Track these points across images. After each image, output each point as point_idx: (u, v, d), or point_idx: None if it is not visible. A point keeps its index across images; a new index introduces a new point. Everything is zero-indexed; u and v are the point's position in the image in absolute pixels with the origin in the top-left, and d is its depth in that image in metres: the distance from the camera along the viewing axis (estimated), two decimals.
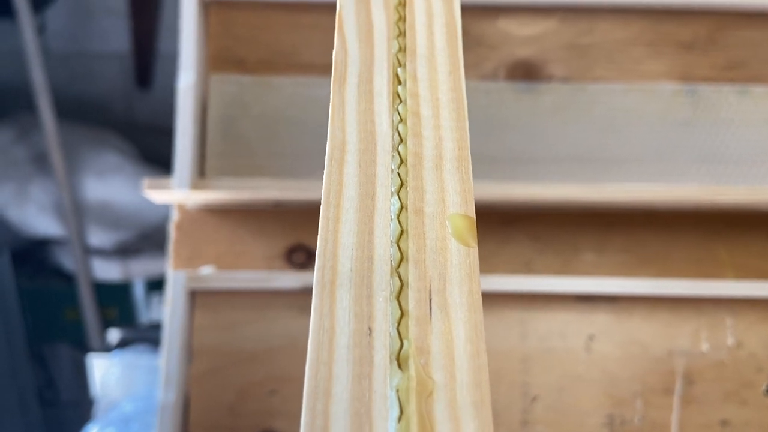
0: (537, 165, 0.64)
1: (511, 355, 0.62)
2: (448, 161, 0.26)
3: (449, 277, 0.23)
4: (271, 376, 0.62)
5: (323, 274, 0.23)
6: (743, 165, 0.64)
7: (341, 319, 0.22)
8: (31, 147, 1.42)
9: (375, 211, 0.24)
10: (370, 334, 0.22)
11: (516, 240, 0.65)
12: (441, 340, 0.22)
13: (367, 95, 0.28)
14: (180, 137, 0.60)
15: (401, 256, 0.23)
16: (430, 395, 0.20)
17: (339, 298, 0.22)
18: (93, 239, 1.39)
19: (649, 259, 0.64)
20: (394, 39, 0.30)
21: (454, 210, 0.25)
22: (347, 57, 0.29)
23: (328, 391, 0.20)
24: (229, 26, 0.66)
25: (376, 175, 0.25)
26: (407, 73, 0.28)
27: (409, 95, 0.28)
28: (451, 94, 0.28)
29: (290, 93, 0.65)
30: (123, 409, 0.91)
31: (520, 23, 0.66)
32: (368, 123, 0.27)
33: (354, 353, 0.21)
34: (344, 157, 0.26)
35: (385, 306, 0.22)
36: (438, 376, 0.21)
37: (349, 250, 0.23)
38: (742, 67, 0.65)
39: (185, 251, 0.63)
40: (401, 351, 0.21)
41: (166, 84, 1.57)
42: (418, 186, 0.25)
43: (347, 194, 0.25)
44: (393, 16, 0.30)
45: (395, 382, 0.21)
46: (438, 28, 0.30)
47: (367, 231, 0.24)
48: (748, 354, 0.63)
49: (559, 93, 0.65)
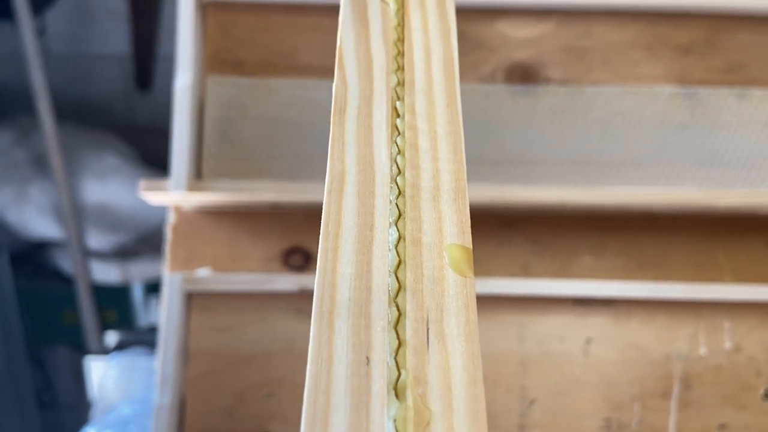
0: (534, 168, 0.64)
1: (509, 359, 0.62)
2: (445, 193, 0.26)
3: (446, 307, 0.23)
4: (268, 379, 0.61)
5: (322, 304, 0.23)
6: (742, 168, 0.63)
7: (339, 349, 0.22)
8: (31, 149, 1.42)
9: (373, 241, 0.25)
10: (368, 363, 0.22)
11: (514, 243, 0.64)
12: (438, 370, 0.22)
13: (366, 128, 0.28)
14: (177, 138, 0.60)
15: (399, 286, 0.24)
16: (428, 425, 0.21)
17: (337, 328, 0.23)
18: (92, 241, 1.38)
19: (647, 262, 0.64)
20: (393, 73, 0.30)
21: (451, 240, 0.25)
22: (347, 90, 0.29)
23: (326, 421, 0.20)
24: (227, 28, 0.66)
25: (374, 205, 0.26)
26: (406, 107, 0.29)
27: (408, 128, 0.28)
28: (448, 127, 0.28)
29: (288, 95, 0.65)
30: (121, 411, 0.91)
31: (518, 26, 0.66)
32: (367, 155, 0.27)
33: (352, 383, 0.21)
34: (343, 188, 0.26)
35: (383, 336, 0.22)
36: (435, 406, 0.21)
37: (347, 280, 0.24)
38: (740, 70, 0.65)
39: (182, 253, 0.63)
40: (399, 381, 0.22)
41: (166, 86, 1.57)
42: (416, 217, 0.26)
43: (346, 224, 0.25)
44: (392, 51, 0.31)
45: (393, 412, 0.21)
46: (435, 63, 0.31)
47: (365, 261, 0.24)
48: (747, 358, 0.62)
49: (557, 96, 0.65)
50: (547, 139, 0.64)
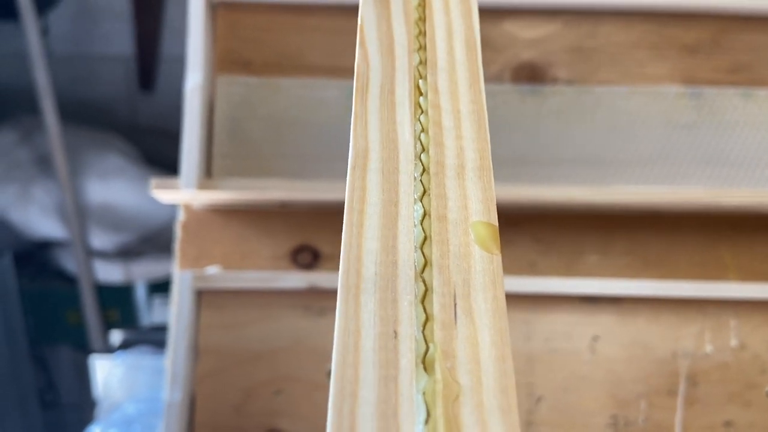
0: (541, 167, 0.64)
1: (516, 356, 0.63)
2: (470, 170, 0.26)
3: (473, 282, 0.23)
4: (277, 376, 0.62)
5: (348, 277, 0.23)
6: (747, 167, 0.64)
7: (366, 322, 0.22)
8: (34, 149, 1.42)
9: (398, 217, 0.25)
10: (395, 337, 0.22)
11: (520, 241, 0.65)
12: (466, 345, 0.22)
13: (389, 105, 0.28)
14: (187, 138, 0.60)
15: (425, 262, 0.24)
16: (457, 399, 0.20)
17: (364, 301, 0.22)
18: (95, 241, 1.39)
19: (653, 261, 0.65)
20: (415, 52, 0.30)
21: (476, 218, 0.25)
22: (369, 69, 0.29)
23: (354, 393, 0.20)
24: (236, 28, 0.66)
25: (398, 182, 0.26)
26: (428, 85, 0.29)
27: (431, 106, 0.28)
28: (471, 106, 0.28)
29: (296, 95, 0.65)
30: (125, 410, 0.92)
31: (525, 26, 0.66)
32: (390, 132, 0.27)
33: (380, 356, 0.21)
34: (367, 165, 0.26)
35: (410, 310, 0.22)
36: (464, 380, 0.21)
37: (373, 254, 0.24)
38: (746, 70, 0.66)
39: (192, 251, 0.63)
40: (427, 354, 0.21)
41: (169, 86, 1.58)
42: (441, 194, 0.25)
43: (370, 200, 0.25)
44: (413, 31, 0.31)
45: (421, 385, 0.21)
46: (458, 43, 0.31)
47: (390, 236, 0.24)
48: (752, 355, 0.63)
49: (564, 95, 0.65)
50: (553, 139, 0.64)
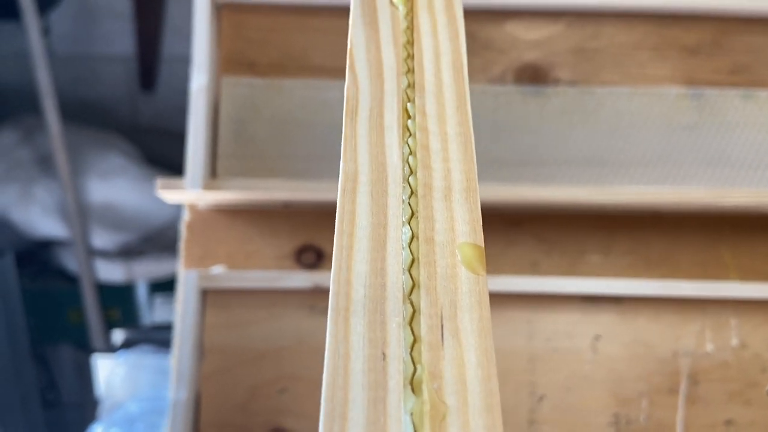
0: (544, 167, 0.64)
1: (519, 355, 0.63)
2: (456, 192, 0.27)
3: (460, 304, 0.24)
4: (281, 375, 0.62)
5: (338, 300, 0.23)
6: (748, 168, 0.64)
7: (356, 345, 0.22)
8: (36, 149, 1.42)
9: (387, 239, 0.25)
10: (384, 359, 0.22)
11: (523, 241, 0.65)
12: (453, 366, 0.22)
13: (378, 129, 0.28)
14: (192, 138, 0.61)
15: (413, 284, 0.24)
16: (444, 419, 0.21)
17: (353, 324, 0.23)
18: (96, 241, 1.39)
19: (654, 260, 0.65)
20: (403, 75, 0.31)
21: (463, 239, 0.25)
22: (359, 92, 0.30)
23: (344, 415, 0.21)
24: (241, 29, 0.66)
25: (387, 205, 0.26)
26: (416, 108, 0.29)
27: (419, 129, 0.29)
28: (458, 128, 0.29)
29: (301, 95, 0.65)
30: (128, 409, 0.92)
31: (528, 27, 0.67)
32: (379, 155, 0.28)
33: (369, 378, 0.22)
34: (357, 188, 0.27)
35: (399, 332, 0.23)
36: (451, 401, 0.21)
37: (362, 277, 0.24)
38: (746, 72, 0.66)
39: (196, 251, 0.64)
40: (414, 376, 0.22)
41: (171, 86, 1.58)
42: (429, 216, 0.26)
43: (360, 223, 0.26)
44: (402, 54, 0.31)
45: (409, 406, 0.21)
46: (445, 66, 0.31)
47: (379, 259, 0.25)
48: (753, 354, 0.63)
49: (566, 96, 0.66)
50: (556, 139, 0.65)
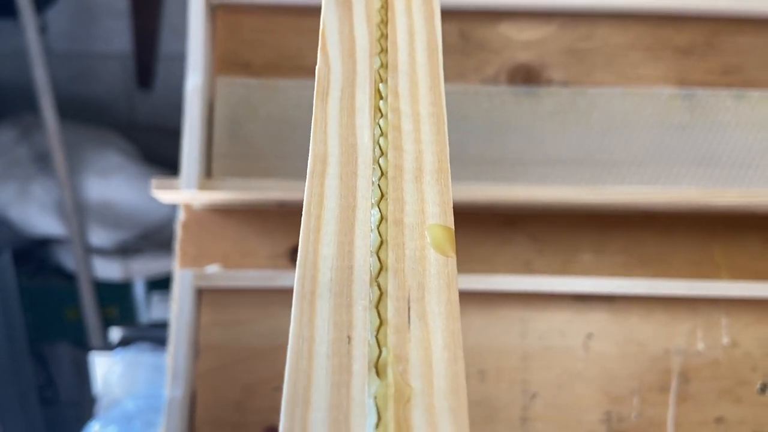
0: (537, 167, 0.65)
1: (512, 353, 0.64)
2: (427, 174, 0.27)
3: (428, 286, 0.23)
4: (276, 373, 0.63)
5: (303, 283, 0.23)
6: (739, 168, 0.65)
7: (320, 328, 0.22)
8: (33, 147, 1.43)
9: (355, 221, 0.25)
10: (349, 342, 0.22)
11: (516, 241, 0.66)
12: (419, 348, 0.22)
13: (349, 110, 0.28)
14: (187, 138, 0.61)
15: (381, 266, 0.24)
16: (408, 402, 0.21)
17: (319, 307, 0.23)
18: (94, 239, 1.39)
19: (646, 260, 0.66)
20: (377, 55, 0.30)
21: (433, 221, 0.25)
22: (330, 72, 0.30)
23: (307, 400, 0.21)
24: (236, 30, 0.67)
25: (357, 187, 0.26)
26: (389, 89, 0.29)
27: (391, 110, 0.28)
28: (431, 109, 0.29)
29: (295, 96, 0.66)
30: (125, 407, 0.92)
31: (521, 28, 0.67)
32: (350, 136, 0.27)
33: (333, 361, 0.21)
34: (326, 170, 0.26)
35: (365, 315, 0.23)
36: (416, 383, 0.21)
37: (329, 260, 0.24)
38: (738, 72, 0.67)
39: (192, 250, 0.64)
40: (380, 359, 0.22)
41: (168, 84, 1.58)
42: (398, 197, 0.26)
43: (328, 206, 0.25)
44: (375, 33, 0.31)
45: (373, 389, 0.21)
46: (419, 45, 0.31)
47: (347, 242, 0.24)
48: (743, 353, 0.64)
49: (559, 97, 0.66)
50: (549, 140, 0.65)
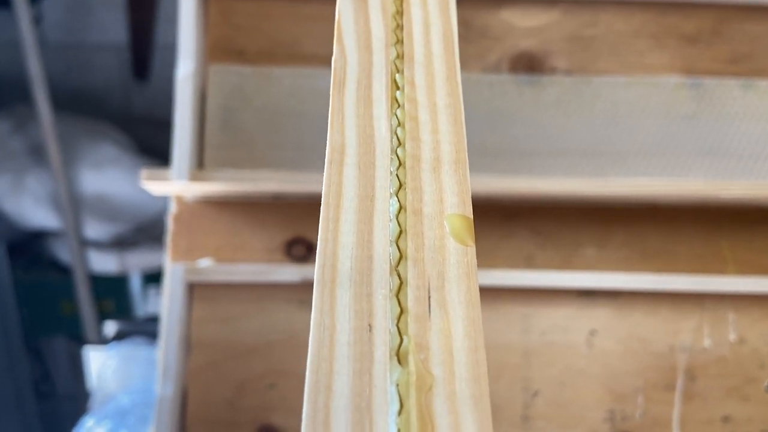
0: (539, 158, 0.63)
1: (513, 350, 0.62)
2: (445, 164, 0.27)
3: (447, 275, 0.24)
4: (270, 370, 0.61)
5: (324, 272, 0.23)
6: (747, 159, 0.63)
7: (342, 316, 0.22)
8: (28, 138, 1.41)
9: (374, 211, 0.25)
10: (370, 330, 0.22)
11: (518, 234, 0.64)
12: (440, 336, 0.22)
13: (365, 100, 0.28)
14: (178, 128, 0.59)
15: (400, 255, 0.24)
16: (430, 390, 0.21)
17: (339, 295, 0.23)
18: (89, 232, 1.38)
19: (651, 254, 0.64)
20: (392, 46, 0.30)
21: (451, 210, 0.25)
22: (346, 64, 0.29)
23: (329, 387, 0.21)
24: (229, 16, 0.65)
25: (375, 177, 0.26)
26: (405, 79, 0.29)
27: (407, 100, 0.29)
28: (448, 100, 0.29)
29: (291, 84, 0.64)
30: (119, 401, 0.91)
31: (524, 15, 0.65)
32: (367, 127, 0.28)
33: (354, 349, 0.22)
34: (344, 160, 0.26)
35: (385, 303, 0.23)
36: (437, 371, 0.21)
37: (348, 249, 0.24)
38: (746, 61, 0.65)
39: (183, 243, 0.63)
40: (401, 347, 0.22)
41: (164, 76, 1.56)
42: (417, 187, 0.26)
43: (347, 195, 0.25)
44: (391, 25, 0.31)
45: (395, 377, 0.21)
46: (435, 36, 0.31)
47: (366, 231, 0.25)
48: (751, 350, 0.62)
49: (562, 86, 0.64)
50: (551, 130, 0.63)
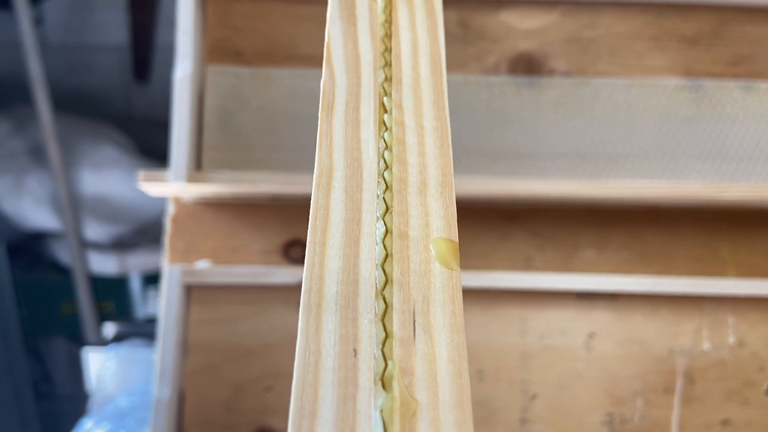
0: (538, 160, 0.63)
1: (511, 353, 0.62)
2: (432, 187, 0.27)
3: (433, 299, 0.24)
4: (268, 373, 0.61)
5: (309, 297, 0.23)
6: (747, 162, 0.63)
7: (327, 341, 0.22)
8: (28, 139, 1.41)
9: (361, 235, 0.25)
10: (355, 355, 0.22)
11: (516, 236, 0.64)
12: (424, 361, 0.22)
13: (354, 123, 0.29)
14: (176, 129, 0.59)
15: (386, 279, 0.24)
16: (414, 415, 0.21)
17: (325, 320, 0.23)
18: (89, 233, 1.38)
19: (650, 256, 0.64)
20: (381, 69, 0.31)
21: (437, 234, 0.26)
22: (335, 86, 0.30)
23: (313, 413, 0.21)
24: (227, 17, 0.65)
25: (362, 200, 0.26)
26: (393, 102, 0.30)
27: (395, 123, 0.29)
28: (435, 123, 0.29)
29: (289, 85, 0.64)
30: (118, 403, 0.91)
31: (522, 16, 0.65)
32: (355, 150, 0.28)
33: (339, 375, 0.22)
34: (331, 183, 0.27)
35: (370, 328, 0.23)
36: (421, 397, 0.21)
37: (335, 273, 0.24)
38: (746, 63, 0.65)
39: (181, 245, 0.62)
40: (385, 372, 0.22)
41: (164, 77, 1.56)
42: (403, 211, 0.26)
43: (334, 219, 0.26)
44: (379, 47, 0.32)
45: (379, 402, 0.21)
46: (423, 59, 0.31)
47: (353, 255, 0.25)
48: (750, 353, 0.62)
49: (561, 87, 0.64)
50: (550, 132, 0.63)
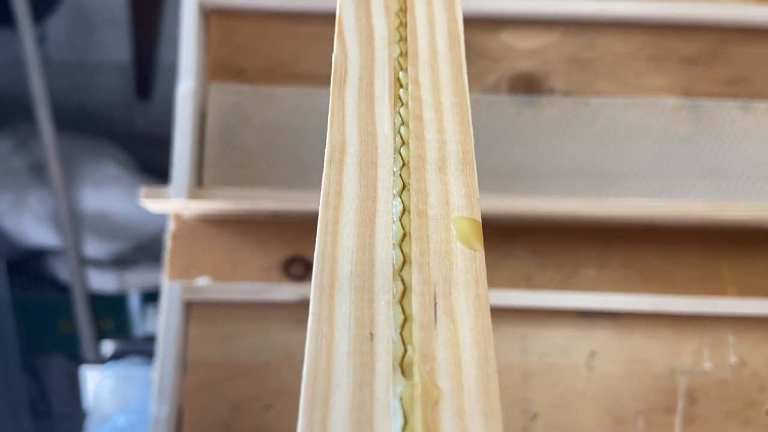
0: (538, 178, 0.63)
1: (512, 372, 0.61)
2: (452, 164, 0.25)
3: (455, 281, 0.22)
4: (268, 391, 0.61)
5: (322, 276, 0.22)
6: (746, 181, 0.63)
7: (341, 325, 0.21)
8: (30, 157, 1.41)
9: (376, 213, 0.24)
10: (371, 339, 0.20)
11: (517, 254, 0.64)
12: (447, 347, 0.20)
13: (367, 98, 0.27)
14: (178, 146, 0.59)
15: (404, 260, 0.22)
16: (436, 404, 0.19)
17: (338, 301, 0.21)
18: (89, 250, 1.38)
19: (651, 275, 0.64)
20: (396, 43, 0.29)
21: (459, 213, 0.24)
22: (347, 60, 0.28)
23: (326, 400, 0.19)
24: (230, 35, 0.65)
25: (377, 176, 0.25)
26: (409, 77, 0.28)
27: (411, 98, 0.27)
28: (453, 98, 0.27)
29: (290, 103, 0.64)
30: (116, 422, 0.90)
31: (523, 36, 0.65)
32: (369, 125, 0.26)
33: (354, 360, 0.20)
34: (344, 159, 0.25)
35: (388, 310, 0.21)
36: (444, 384, 0.20)
37: (348, 252, 0.22)
38: (745, 83, 0.65)
39: (181, 261, 0.62)
40: (405, 357, 0.20)
41: (166, 95, 1.57)
42: (422, 188, 0.24)
43: (347, 196, 0.24)
44: (394, 22, 0.30)
45: (399, 390, 0.20)
46: (440, 35, 0.30)
47: (368, 233, 0.23)
48: (752, 373, 0.62)
49: (561, 106, 0.64)
50: (550, 150, 0.63)
